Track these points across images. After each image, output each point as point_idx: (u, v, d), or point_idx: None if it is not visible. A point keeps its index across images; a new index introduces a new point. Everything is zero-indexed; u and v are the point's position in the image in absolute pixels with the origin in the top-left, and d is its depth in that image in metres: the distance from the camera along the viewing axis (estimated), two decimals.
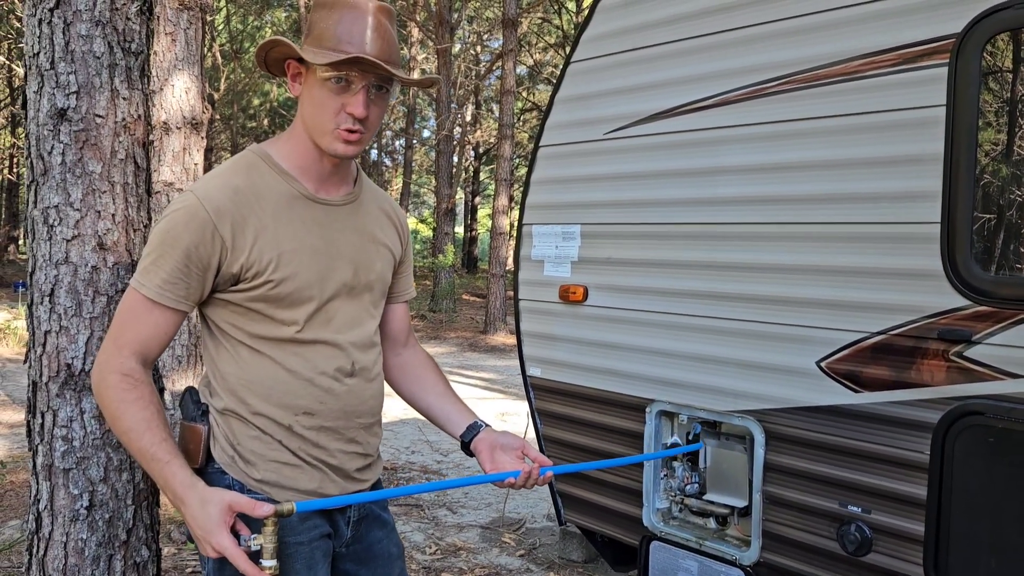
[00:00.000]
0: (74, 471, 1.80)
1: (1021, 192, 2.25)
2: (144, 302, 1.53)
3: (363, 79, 1.54)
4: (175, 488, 1.47)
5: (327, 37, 1.54)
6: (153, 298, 1.52)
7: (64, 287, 1.80)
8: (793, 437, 2.56)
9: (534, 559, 4.01)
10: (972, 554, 2.21)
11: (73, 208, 1.80)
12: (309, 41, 1.57)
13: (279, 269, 1.57)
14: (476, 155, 27.53)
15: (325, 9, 1.56)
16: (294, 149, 1.63)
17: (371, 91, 1.56)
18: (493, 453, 1.76)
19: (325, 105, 1.55)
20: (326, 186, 1.66)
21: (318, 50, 1.54)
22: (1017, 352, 2.12)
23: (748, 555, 2.69)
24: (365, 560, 1.77)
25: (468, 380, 9.34)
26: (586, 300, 3.18)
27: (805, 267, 2.53)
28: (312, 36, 1.57)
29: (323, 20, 1.56)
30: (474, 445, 1.78)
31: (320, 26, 1.56)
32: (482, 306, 16.06)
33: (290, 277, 1.58)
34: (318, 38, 1.55)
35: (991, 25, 2.16)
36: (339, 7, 1.55)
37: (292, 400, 1.60)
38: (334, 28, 1.54)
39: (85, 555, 1.80)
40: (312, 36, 1.57)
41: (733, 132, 2.71)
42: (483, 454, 1.77)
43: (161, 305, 1.53)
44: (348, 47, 1.52)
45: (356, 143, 1.59)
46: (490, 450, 1.76)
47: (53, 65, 1.79)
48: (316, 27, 1.57)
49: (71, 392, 1.80)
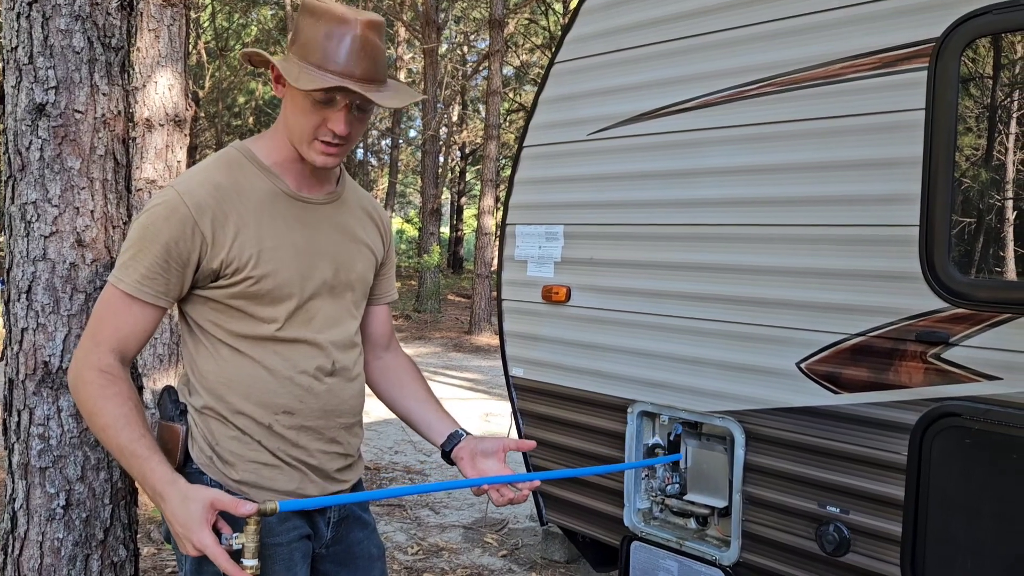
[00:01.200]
0: (51, 470, 1.78)
1: (999, 196, 2.27)
2: (122, 297, 1.52)
3: (346, 98, 1.53)
4: (155, 484, 1.45)
5: (313, 50, 1.51)
6: (132, 293, 1.51)
7: (42, 284, 1.78)
8: (773, 438, 2.57)
9: (516, 559, 4.01)
10: (948, 554, 2.23)
11: (51, 204, 1.79)
12: (295, 49, 1.54)
13: (259, 266, 1.56)
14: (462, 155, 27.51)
15: (312, 18, 1.53)
16: (277, 147, 1.63)
17: (353, 109, 1.55)
18: (474, 460, 1.73)
19: (307, 117, 1.54)
20: (308, 184, 1.66)
21: (302, 64, 1.51)
22: (994, 354, 2.14)
23: (728, 555, 2.70)
24: (345, 561, 1.76)
25: (452, 380, 9.33)
26: (569, 300, 3.18)
27: (785, 269, 2.54)
28: (298, 45, 1.54)
29: (310, 29, 1.53)
30: (455, 454, 1.76)
31: (306, 35, 1.53)
32: (467, 306, 16.05)
33: (270, 274, 1.57)
34: (304, 48, 1.52)
35: (970, 30, 2.18)
36: (327, 19, 1.52)
37: (272, 399, 1.59)
38: (321, 42, 1.51)
39: (61, 555, 1.78)
40: (298, 45, 1.54)
41: (715, 134, 2.72)
42: (464, 462, 1.74)
43: (140, 301, 1.52)
44: (333, 66, 1.50)
45: (335, 155, 1.58)
46: (471, 457, 1.74)
47: (32, 60, 1.78)
48: (302, 35, 1.54)
49: (48, 390, 1.78)
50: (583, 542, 3.47)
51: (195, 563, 1.59)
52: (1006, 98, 2.28)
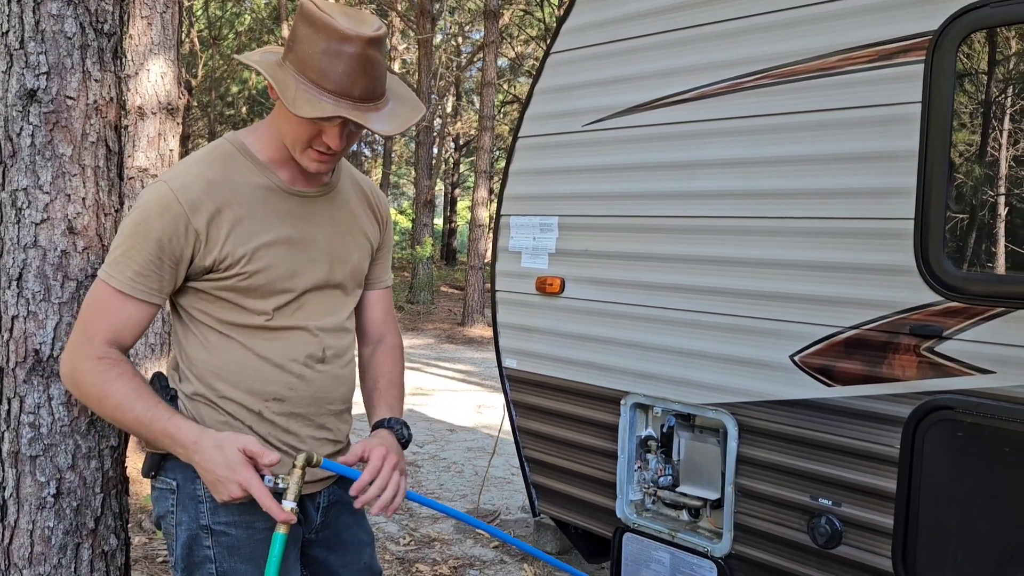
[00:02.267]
0: (41, 458, 1.77)
1: (993, 189, 2.27)
2: (115, 294, 1.51)
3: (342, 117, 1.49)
4: (184, 439, 1.47)
5: (310, 66, 1.46)
6: (125, 291, 1.50)
7: (32, 271, 1.77)
8: (766, 430, 2.58)
9: (508, 551, 4.01)
10: (939, 547, 2.23)
11: (42, 191, 1.77)
12: (291, 59, 1.49)
13: (252, 262, 1.55)
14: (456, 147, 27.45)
15: (311, 29, 1.46)
16: (271, 141, 1.61)
17: (349, 125, 1.52)
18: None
19: (301, 129, 1.51)
20: (302, 178, 1.64)
21: (299, 80, 1.46)
22: (987, 348, 2.14)
23: (720, 547, 2.71)
24: (334, 546, 1.76)
25: (445, 372, 9.33)
26: (563, 292, 3.18)
27: (779, 261, 2.54)
28: (295, 55, 1.48)
29: (308, 42, 1.46)
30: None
31: (304, 48, 1.46)
32: (460, 298, 16.04)
33: (263, 270, 1.56)
34: (302, 62, 1.47)
35: (967, 23, 2.18)
36: (326, 34, 1.44)
37: (262, 386, 1.59)
38: (319, 58, 1.45)
39: (52, 543, 1.77)
40: (295, 55, 1.48)
41: (711, 126, 2.71)
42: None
43: (133, 298, 1.51)
44: (331, 84, 1.45)
45: (328, 163, 1.57)
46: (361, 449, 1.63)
47: (23, 44, 1.76)
48: (300, 47, 1.47)
49: (39, 378, 1.77)
50: (575, 533, 3.48)
51: (185, 550, 1.59)
52: (1003, 92, 2.28)
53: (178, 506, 1.60)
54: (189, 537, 1.59)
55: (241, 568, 1.59)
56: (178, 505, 1.60)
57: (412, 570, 3.74)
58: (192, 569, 1.60)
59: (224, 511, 1.56)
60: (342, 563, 1.78)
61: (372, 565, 1.84)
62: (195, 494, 1.58)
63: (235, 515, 1.58)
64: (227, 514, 1.57)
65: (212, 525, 1.58)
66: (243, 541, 1.59)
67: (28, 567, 1.76)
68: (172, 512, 1.61)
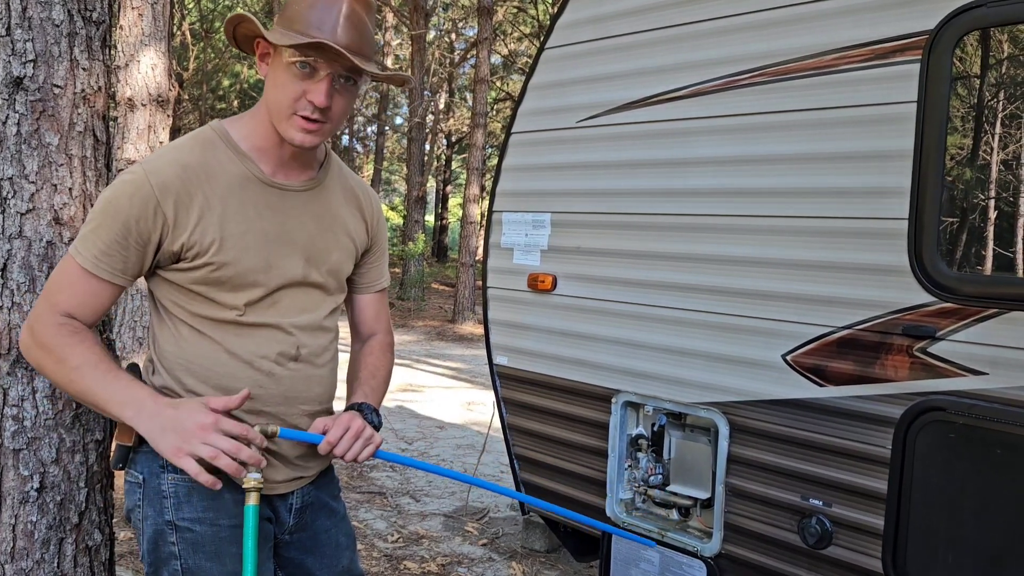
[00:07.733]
0: (25, 452, 1.74)
1: (988, 191, 2.26)
2: (79, 271, 1.50)
3: (329, 67, 1.49)
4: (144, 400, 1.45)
5: (298, 20, 1.49)
6: (88, 268, 1.49)
7: (17, 262, 1.74)
8: (757, 430, 2.57)
9: (497, 548, 4.00)
10: (929, 548, 2.23)
11: (28, 181, 1.74)
12: (280, 21, 1.52)
13: (221, 252, 1.53)
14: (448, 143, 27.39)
15: None
16: (255, 130, 1.59)
17: (336, 81, 1.51)
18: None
19: (287, 89, 1.50)
20: (285, 170, 1.62)
21: (285, 32, 1.49)
22: (979, 349, 2.14)
23: (709, 547, 2.70)
24: (311, 549, 1.74)
25: (435, 369, 9.30)
26: (555, 289, 3.16)
27: (773, 260, 2.53)
28: (284, 17, 1.52)
29: (297, 2, 1.52)
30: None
31: (293, 8, 1.52)
32: (451, 295, 16.01)
33: (232, 261, 1.54)
34: (289, 19, 1.51)
35: (964, 23, 2.17)
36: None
37: (230, 383, 1.56)
38: (306, 12, 1.49)
39: (35, 538, 1.75)
40: (284, 17, 1.52)
41: (705, 124, 2.70)
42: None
43: (95, 276, 1.49)
44: (317, 32, 1.47)
45: (315, 133, 1.53)
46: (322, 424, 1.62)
47: (9, 31, 1.73)
48: (289, 8, 1.52)
49: (23, 371, 1.74)
50: (564, 532, 3.47)
51: (152, 543, 1.56)
52: (998, 93, 2.27)
53: (144, 500, 1.57)
54: (155, 532, 1.56)
55: (206, 565, 1.55)
56: (144, 499, 1.57)
57: (400, 567, 3.72)
58: (158, 564, 1.57)
59: (188, 507, 1.54)
60: (320, 566, 1.75)
61: (352, 568, 1.81)
62: (160, 489, 1.56)
63: (200, 512, 1.55)
64: (192, 510, 1.55)
65: (176, 521, 1.55)
66: (208, 539, 1.55)
67: (10, 562, 1.73)
68: (139, 506, 1.59)
